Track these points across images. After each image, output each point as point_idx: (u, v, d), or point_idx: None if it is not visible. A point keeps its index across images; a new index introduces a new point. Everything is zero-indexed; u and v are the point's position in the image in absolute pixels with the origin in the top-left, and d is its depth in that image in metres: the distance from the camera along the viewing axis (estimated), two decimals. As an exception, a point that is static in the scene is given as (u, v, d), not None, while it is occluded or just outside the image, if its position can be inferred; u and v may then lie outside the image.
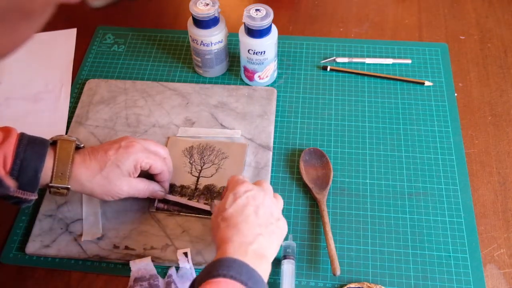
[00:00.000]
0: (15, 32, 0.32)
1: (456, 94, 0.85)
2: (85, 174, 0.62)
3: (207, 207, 0.71)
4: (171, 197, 0.71)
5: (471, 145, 0.79)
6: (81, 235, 0.69)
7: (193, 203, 0.71)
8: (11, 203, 0.60)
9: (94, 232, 0.69)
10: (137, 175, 0.66)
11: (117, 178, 0.63)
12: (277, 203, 0.61)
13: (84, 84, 0.87)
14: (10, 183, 0.45)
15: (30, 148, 0.59)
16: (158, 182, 0.69)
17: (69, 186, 0.62)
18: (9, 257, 0.69)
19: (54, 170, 0.61)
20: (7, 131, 0.60)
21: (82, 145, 0.66)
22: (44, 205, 0.72)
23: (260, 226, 0.56)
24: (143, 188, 0.67)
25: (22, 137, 0.60)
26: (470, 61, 0.90)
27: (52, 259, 0.69)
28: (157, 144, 0.69)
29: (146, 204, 0.72)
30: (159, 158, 0.67)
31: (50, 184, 0.61)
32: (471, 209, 0.72)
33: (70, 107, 0.85)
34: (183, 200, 0.71)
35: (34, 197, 0.60)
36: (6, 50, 0.33)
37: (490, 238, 0.70)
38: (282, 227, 0.59)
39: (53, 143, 0.63)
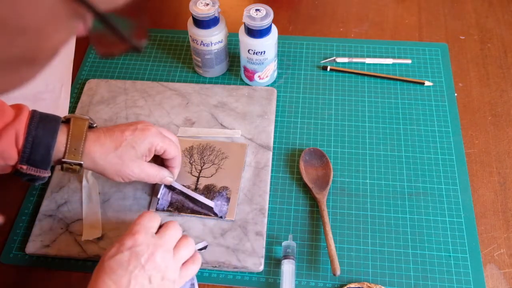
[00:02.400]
0: (16, 76, 0.32)
1: (456, 94, 0.85)
2: (99, 151, 0.62)
3: (210, 203, 0.71)
4: (177, 185, 0.72)
5: (471, 145, 0.79)
6: (81, 235, 0.69)
7: (196, 195, 0.71)
8: (24, 180, 0.60)
9: (94, 232, 0.69)
10: (149, 159, 0.66)
11: (130, 160, 0.64)
12: (175, 259, 0.58)
13: (84, 84, 0.87)
14: None
15: (42, 125, 0.59)
16: (168, 167, 0.70)
17: (82, 162, 0.61)
18: (9, 257, 0.69)
19: (68, 146, 0.61)
20: (18, 108, 0.60)
21: (95, 125, 0.66)
22: (44, 205, 0.72)
23: None
24: (154, 173, 0.67)
25: (34, 114, 0.60)
26: (470, 61, 0.90)
27: (52, 259, 0.69)
28: (169, 131, 0.70)
29: (146, 204, 0.72)
30: (173, 143, 0.68)
31: (63, 160, 0.61)
32: (471, 209, 0.72)
33: (70, 107, 0.85)
34: (189, 191, 0.72)
35: (47, 174, 0.60)
36: (5, 90, 0.33)
37: (490, 238, 0.70)
38: (168, 286, 0.56)
39: (66, 121, 0.63)
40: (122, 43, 0.32)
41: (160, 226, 0.60)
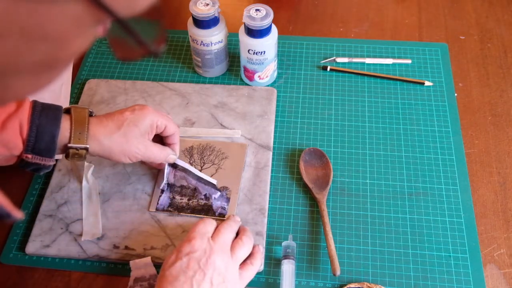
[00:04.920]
0: (36, 81, 0.32)
1: (456, 94, 0.85)
2: (103, 132, 0.63)
3: (213, 180, 0.72)
4: (180, 162, 0.73)
5: (471, 145, 0.79)
6: (81, 235, 0.69)
7: (199, 172, 0.73)
8: (30, 170, 0.60)
9: (94, 232, 0.69)
10: (152, 136, 0.67)
11: (135, 137, 0.65)
12: (233, 260, 0.60)
13: (84, 84, 0.87)
14: (18, 214, 0.46)
15: (45, 114, 0.59)
16: (169, 145, 0.71)
17: (88, 146, 0.62)
18: (9, 257, 0.69)
19: (72, 130, 0.61)
20: None
21: (94, 114, 0.66)
22: (44, 205, 0.72)
23: None
24: (158, 152, 0.68)
25: (36, 104, 0.60)
26: (470, 61, 0.90)
27: (52, 259, 0.69)
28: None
29: (146, 204, 0.72)
30: (171, 119, 0.69)
31: (69, 145, 0.61)
32: (471, 209, 0.72)
33: (70, 107, 0.85)
34: (191, 168, 0.73)
35: (52, 162, 0.60)
36: (26, 94, 0.33)
37: (490, 238, 0.70)
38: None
39: (66, 111, 0.63)
40: (141, 48, 0.32)
41: None
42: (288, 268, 0.65)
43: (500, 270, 0.67)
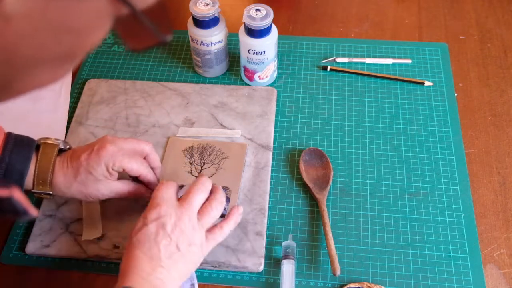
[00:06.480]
0: (60, 71, 0.34)
1: (456, 94, 0.85)
2: (63, 181, 0.62)
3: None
4: None
5: (471, 145, 0.79)
6: (81, 235, 0.69)
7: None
8: None
9: (94, 232, 0.69)
10: (115, 178, 0.64)
11: (93, 183, 0.62)
12: (199, 224, 0.59)
13: (84, 84, 0.87)
14: (34, 211, 0.46)
15: (16, 151, 0.58)
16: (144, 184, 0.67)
17: (51, 192, 0.62)
18: (9, 257, 0.69)
19: (35, 178, 0.61)
20: None
21: (67, 147, 0.65)
22: (44, 205, 0.72)
23: (165, 258, 0.55)
24: (124, 192, 0.65)
25: (9, 137, 0.59)
26: (470, 61, 0.90)
27: (52, 259, 0.69)
28: (139, 141, 0.66)
29: (146, 204, 0.72)
30: (135, 160, 0.64)
31: (33, 190, 0.62)
32: (471, 209, 0.72)
33: (70, 107, 0.85)
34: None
35: None
36: (50, 82, 0.35)
37: (490, 238, 0.70)
38: (196, 252, 0.58)
39: (38, 146, 0.62)
40: (151, 38, 0.34)
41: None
42: (288, 268, 0.65)
43: (500, 270, 0.67)
